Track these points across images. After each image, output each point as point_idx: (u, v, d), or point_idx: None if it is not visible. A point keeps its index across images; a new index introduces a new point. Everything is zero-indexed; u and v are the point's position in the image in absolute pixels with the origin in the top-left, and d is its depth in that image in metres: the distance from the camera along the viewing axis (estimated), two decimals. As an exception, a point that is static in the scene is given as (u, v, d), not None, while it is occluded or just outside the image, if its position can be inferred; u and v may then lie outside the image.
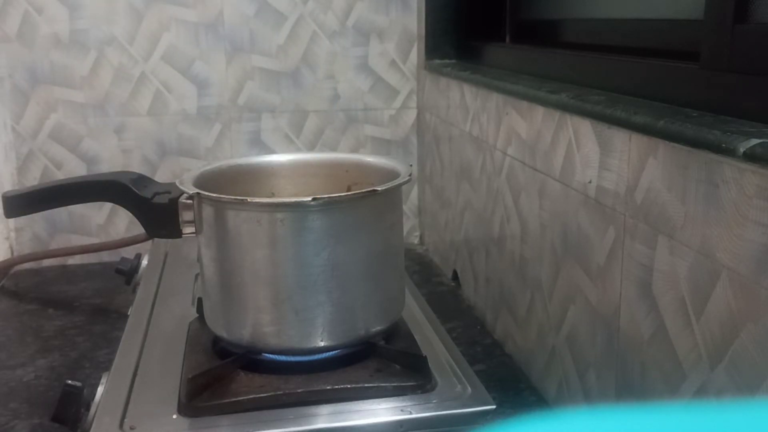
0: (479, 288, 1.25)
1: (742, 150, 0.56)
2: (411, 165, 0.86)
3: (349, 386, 0.74)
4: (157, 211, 0.82)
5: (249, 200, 0.75)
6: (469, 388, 0.76)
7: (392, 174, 0.83)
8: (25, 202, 0.91)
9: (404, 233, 1.04)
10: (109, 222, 1.56)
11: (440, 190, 1.48)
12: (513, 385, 1.01)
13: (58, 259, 1.54)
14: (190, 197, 0.80)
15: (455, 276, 1.39)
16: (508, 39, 1.32)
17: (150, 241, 1.26)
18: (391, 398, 0.73)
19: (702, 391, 0.64)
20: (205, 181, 0.84)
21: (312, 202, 0.74)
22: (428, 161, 1.56)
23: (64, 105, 1.48)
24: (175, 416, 0.72)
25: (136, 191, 0.83)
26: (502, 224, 1.12)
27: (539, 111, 0.95)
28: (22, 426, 0.94)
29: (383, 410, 0.72)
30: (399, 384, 0.75)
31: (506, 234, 1.10)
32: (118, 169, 1.50)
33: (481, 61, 1.36)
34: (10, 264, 1.49)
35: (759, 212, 0.56)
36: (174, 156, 1.56)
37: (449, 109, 1.37)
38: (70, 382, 0.76)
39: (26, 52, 1.45)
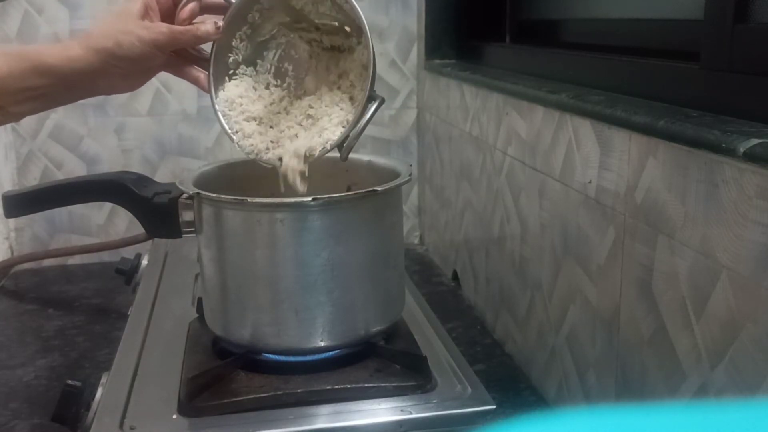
0: (479, 288, 1.25)
1: (742, 150, 0.56)
2: (411, 165, 0.86)
3: (349, 386, 0.74)
4: (157, 211, 0.82)
5: (249, 200, 0.75)
6: (469, 388, 0.76)
7: (392, 174, 0.83)
8: (25, 202, 0.91)
9: (404, 233, 1.04)
10: (109, 222, 1.56)
11: (440, 190, 1.48)
12: (513, 385, 1.01)
13: (58, 259, 1.54)
14: (190, 197, 0.80)
15: (455, 276, 1.39)
16: (508, 39, 1.32)
17: (150, 241, 1.26)
18: (391, 398, 0.73)
19: (702, 391, 0.64)
20: (205, 181, 0.84)
21: (312, 202, 0.74)
22: (428, 161, 1.56)
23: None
24: (175, 416, 0.72)
25: (136, 191, 0.83)
26: (502, 224, 1.12)
27: (539, 111, 0.95)
28: (22, 426, 0.94)
29: (383, 410, 0.72)
30: (399, 384, 0.75)
31: (506, 234, 1.10)
32: (118, 169, 1.50)
33: (481, 61, 1.36)
34: (10, 264, 1.49)
35: (759, 212, 0.56)
36: (174, 156, 1.56)
37: (449, 109, 1.37)
38: (70, 382, 0.76)
39: (26, 52, 1.45)
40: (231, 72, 0.81)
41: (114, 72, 0.73)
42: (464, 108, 1.28)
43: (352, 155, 0.93)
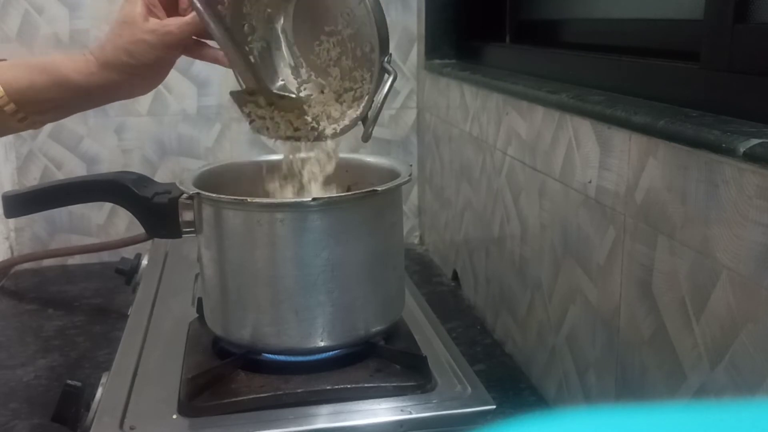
0: (479, 288, 1.25)
1: (742, 150, 0.56)
2: (411, 165, 0.86)
3: (349, 386, 0.74)
4: (157, 211, 0.82)
5: (249, 200, 0.75)
6: (469, 388, 0.76)
7: (392, 174, 0.83)
8: (25, 202, 0.91)
9: (404, 233, 1.04)
10: (109, 222, 1.56)
11: (440, 190, 1.48)
12: (513, 385, 1.01)
13: (58, 259, 1.54)
14: (190, 197, 0.80)
15: (455, 276, 1.39)
16: (508, 39, 1.32)
17: (150, 241, 1.26)
18: (391, 398, 0.73)
19: (702, 391, 0.64)
20: (205, 181, 0.84)
21: (312, 202, 0.74)
22: (428, 161, 1.56)
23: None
24: (175, 416, 0.71)
25: (136, 191, 0.83)
26: (502, 224, 1.12)
27: (539, 111, 0.95)
28: (22, 426, 0.94)
29: (383, 410, 0.72)
30: (399, 384, 0.75)
31: (506, 234, 1.10)
32: (118, 169, 1.50)
33: (481, 61, 1.36)
34: (10, 264, 1.49)
35: (759, 212, 0.56)
36: (174, 156, 1.56)
37: (449, 109, 1.37)
38: (70, 382, 0.76)
39: (26, 52, 1.45)
40: (249, 39, 0.79)
41: (134, 81, 0.75)
42: (464, 108, 1.27)
43: (351, 155, 0.93)
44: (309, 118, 0.79)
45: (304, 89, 0.81)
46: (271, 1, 0.80)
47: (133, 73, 0.73)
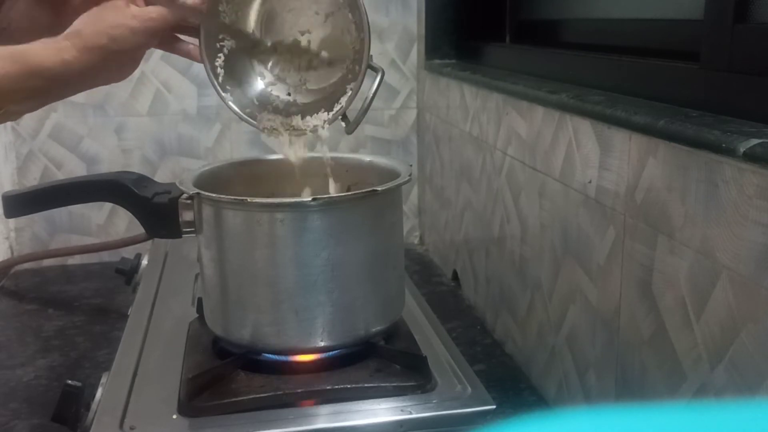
0: (479, 288, 1.25)
1: (742, 150, 0.56)
2: (411, 165, 0.86)
3: (349, 386, 0.74)
4: (157, 211, 0.82)
5: (249, 200, 0.75)
6: (469, 388, 0.76)
7: (392, 174, 0.83)
8: (25, 202, 0.91)
9: (404, 233, 1.04)
10: (109, 222, 1.56)
11: (440, 190, 1.48)
12: (513, 385, 1.01)
13: (58, 259, 1.54)
14: (190, 197, 0.80)
15: (455, 276, 1.39)
16: (508, 39, 1.32)
17: (150, 241, 1.26)
18: (391, 398, 0.73)
19: (702, 391, 0.64)
20: (205, 181, 0.84)
21: (312, 202, 0.74)
22: (428, 161, 1.56)
23: (64, 105, 1.48)
24: (175, 416, 0.71)
25: (136, 191, 0.83)
26: (502, 224, 1.12)
27: (539, 111, 0.95)
28: (22, 426, 0.94)
29: (383, 410, 0.72)
30: (399, 384, 0.75)
31: (506, 234, 1.10)
32: (118, 169, 1.50)
33: (481, 61, 1.36)
34: (10, 264, 1.49)
35: (759, 212, 0.56)
36: (174, 156, 1.56)
37: (449, 109, 1.37)
38: (70, 382, 0.76)
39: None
40: (221, 37, 0.80)
41: (111, 66, 0.74)
42: (464, 108, 1.27)
43: (351, 155, 0.93)
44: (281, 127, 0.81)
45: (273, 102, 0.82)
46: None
47: (112, 59, 0.72)
